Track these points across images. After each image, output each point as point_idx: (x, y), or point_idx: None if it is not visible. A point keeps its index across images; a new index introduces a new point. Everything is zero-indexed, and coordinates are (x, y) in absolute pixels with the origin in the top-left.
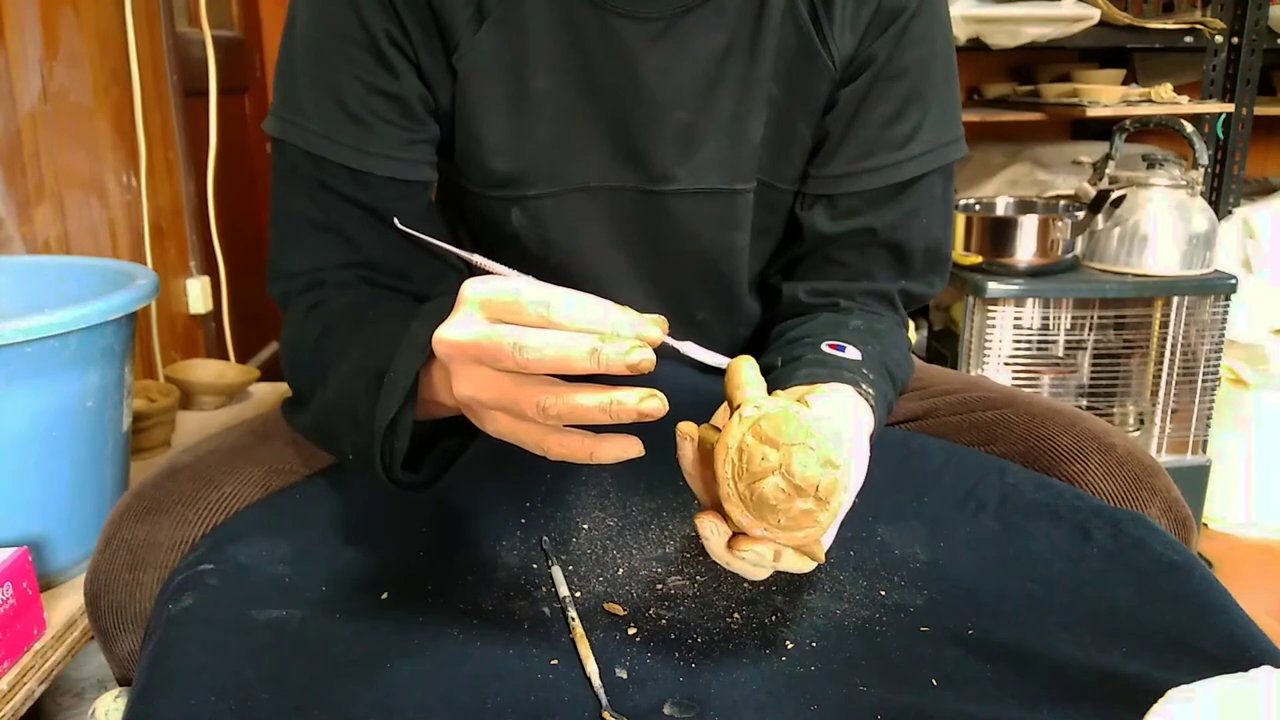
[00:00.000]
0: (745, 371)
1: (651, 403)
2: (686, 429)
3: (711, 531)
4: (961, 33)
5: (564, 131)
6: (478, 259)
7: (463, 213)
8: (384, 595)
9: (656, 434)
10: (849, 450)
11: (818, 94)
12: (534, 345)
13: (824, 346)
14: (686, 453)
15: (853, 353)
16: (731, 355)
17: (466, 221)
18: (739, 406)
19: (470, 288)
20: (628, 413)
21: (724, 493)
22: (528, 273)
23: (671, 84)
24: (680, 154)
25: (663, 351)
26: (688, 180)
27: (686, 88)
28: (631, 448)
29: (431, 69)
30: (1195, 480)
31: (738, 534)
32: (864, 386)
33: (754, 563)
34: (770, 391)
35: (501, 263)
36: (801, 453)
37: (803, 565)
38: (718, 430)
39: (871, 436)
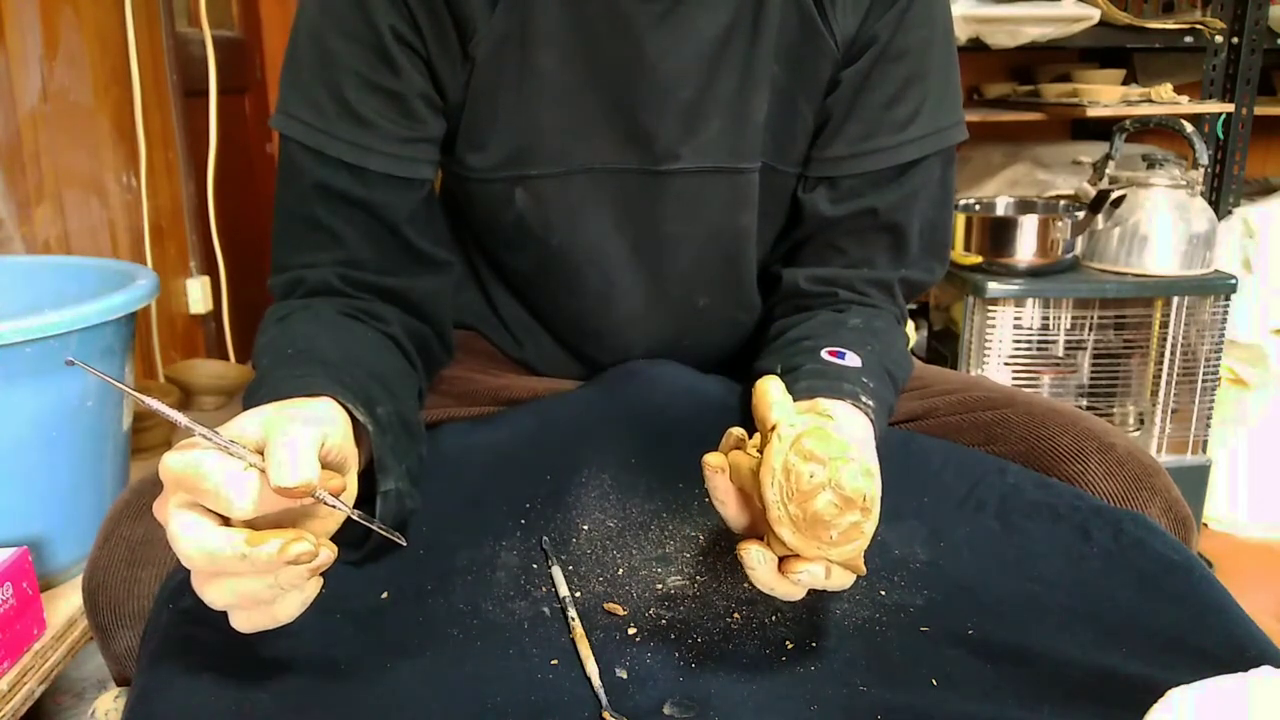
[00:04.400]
0: (774, 391)
1: (298, 546)
2: (715, 461)
3: (759, 560)
4: (961, 33)
5: (569, 111)
6: (177, 416)
7: (463, 207)
8: (384, 595)
9: (658, 435)
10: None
11: (820, 75)
12: (185, 551)
13: (823, 354)
14: (719, 484)
15: (852, 359)
16: (732, 343)
17: (468, 215)
18: (773, 427)
19: (165, 459)
20: (267, 564)
21: (774, 516)
22: (529, 261)
23: (675, 63)
24: (684, 132)
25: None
26: (691, 159)
27: (690, 66)
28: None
29: (443, 61)
30: (1195, 480)
31: (786, 557)
32: (864, 398)
33: (807, 584)
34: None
35: (504, 254)
36: (846, 465)
37: (847, 580)
38: (749, 455)
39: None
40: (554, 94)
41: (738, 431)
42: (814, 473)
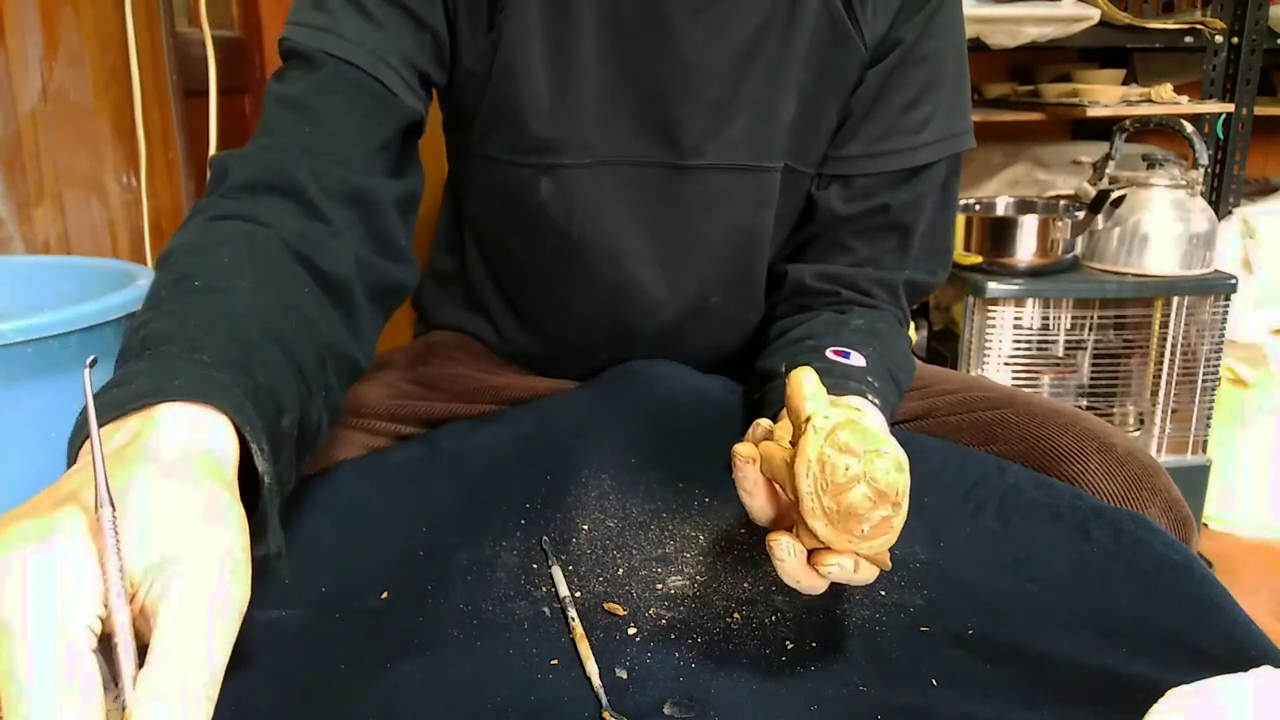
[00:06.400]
0: (808, 384)
1: None
2: (747, 451)
3: (789, 552)
4: None
5: (602, 101)
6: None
7: (475, 194)
8: (384, 595)
9: (658, 435)
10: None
11: (848, 76)
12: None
13: (828, 353)
14: (749, 474)
15: (857, 359)
16: (735, 343)
17: (478, 205)
18: (808, 419)
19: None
20: None
21: (807, 508)
22: (545, 251)
23: (707, 59)
24: (710, 129)
25: None
26: (716, 155)
27: (722, 63)
28: None
29: (466, 19)
30: (1195, 480)
31: (815, 550)
32: (869, 397)
33: (834, 577)
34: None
35: (517, 245)
36: (880, 459)
37: (872, 575)
38: (781, 447)
39: None
40: (589, 84)
41: (766, 422)
42: (849, 465)
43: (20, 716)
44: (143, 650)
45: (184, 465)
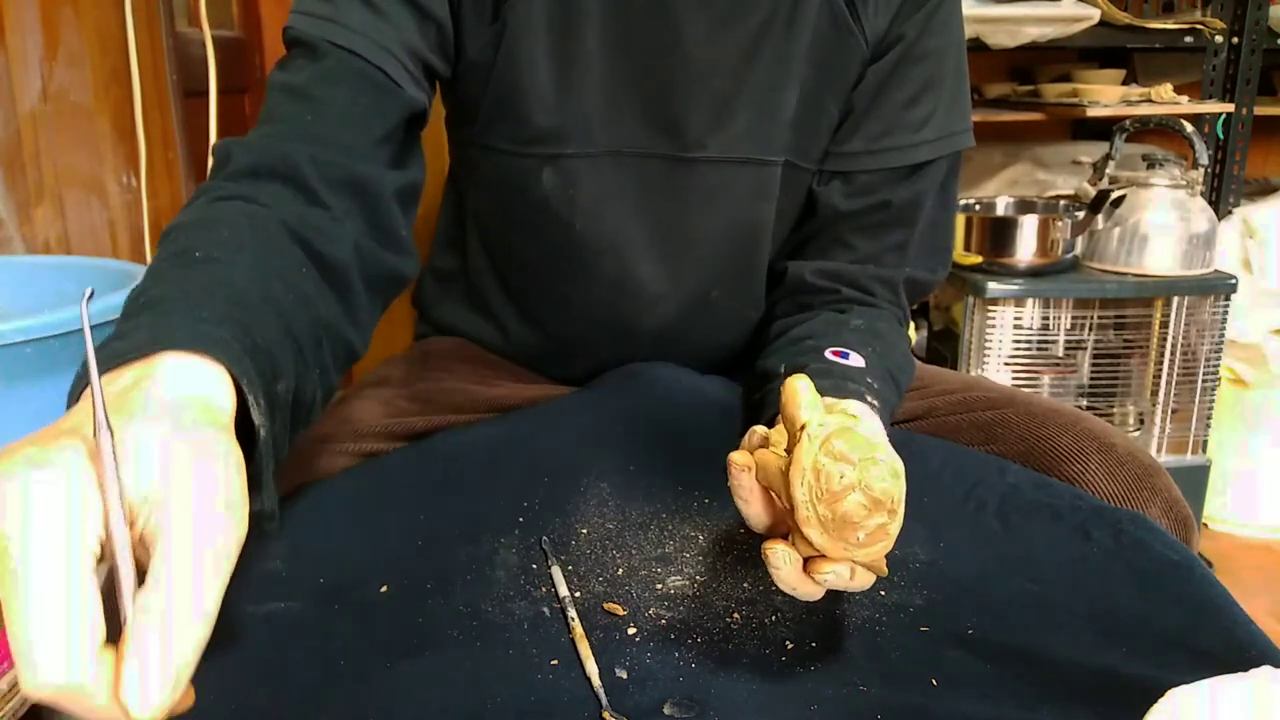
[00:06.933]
0: (804, 391)
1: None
2: (742, 459)
3: (784, 560)
4: None
5: (605, 92)
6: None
7: (485, 179)
8: (383, 589)
9: (658, 436)
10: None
11: (849, 72)
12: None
13: (827, 354)
14: (744, 482)
15: (856, 359)
16: (736, 340)
17: (480, 199)
18: (803, 426)
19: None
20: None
21: (802, 516)
22: (546, 245)
23: (712, 52)
24: (713, 122)
25: None
26: (718, 149)
27: (726, 56)
28: None
29: (473, 14)
30: (1195, 480)
31: (811, 557)
32: (869, 398)
33: (831, 585)
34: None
35: (518, 239)
36: (875, 467)
37: (869, 581)
38: (776, 455)
39: None
40: (593, 74)
41: (762, 430)
42: (844, 473)
43: (24, 633)
44: (141, 577)
45: (182, 411)
